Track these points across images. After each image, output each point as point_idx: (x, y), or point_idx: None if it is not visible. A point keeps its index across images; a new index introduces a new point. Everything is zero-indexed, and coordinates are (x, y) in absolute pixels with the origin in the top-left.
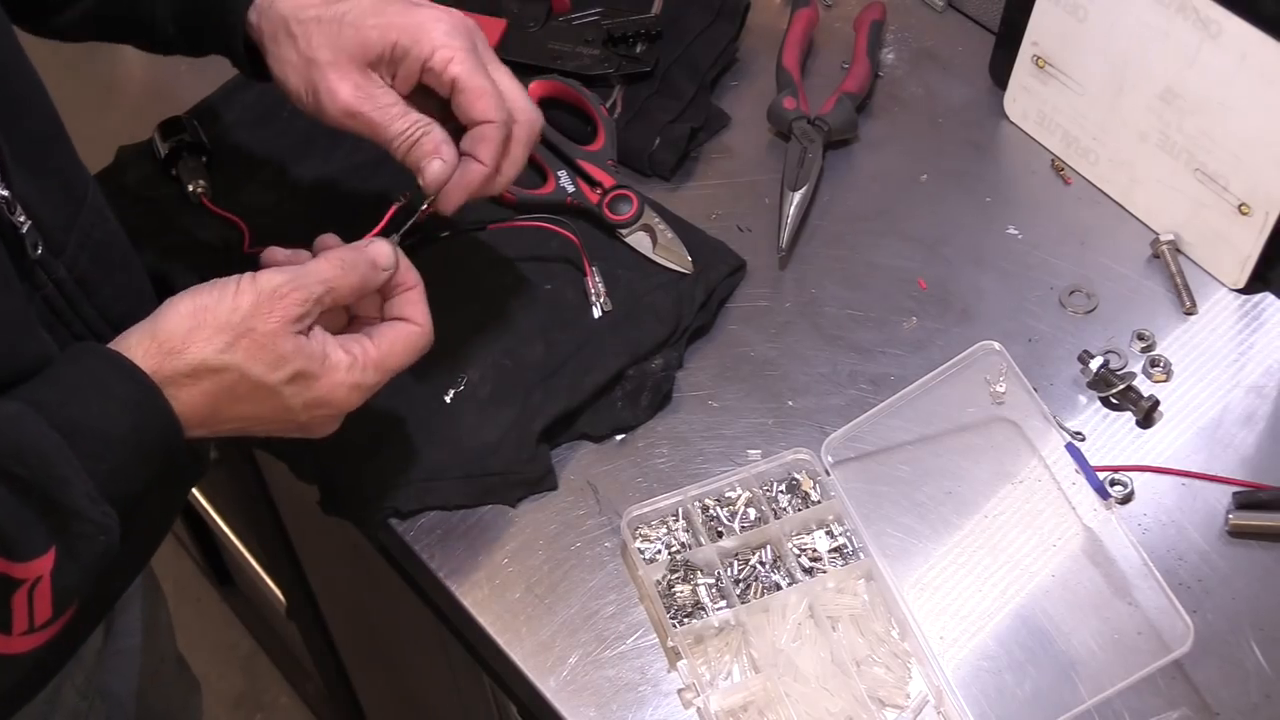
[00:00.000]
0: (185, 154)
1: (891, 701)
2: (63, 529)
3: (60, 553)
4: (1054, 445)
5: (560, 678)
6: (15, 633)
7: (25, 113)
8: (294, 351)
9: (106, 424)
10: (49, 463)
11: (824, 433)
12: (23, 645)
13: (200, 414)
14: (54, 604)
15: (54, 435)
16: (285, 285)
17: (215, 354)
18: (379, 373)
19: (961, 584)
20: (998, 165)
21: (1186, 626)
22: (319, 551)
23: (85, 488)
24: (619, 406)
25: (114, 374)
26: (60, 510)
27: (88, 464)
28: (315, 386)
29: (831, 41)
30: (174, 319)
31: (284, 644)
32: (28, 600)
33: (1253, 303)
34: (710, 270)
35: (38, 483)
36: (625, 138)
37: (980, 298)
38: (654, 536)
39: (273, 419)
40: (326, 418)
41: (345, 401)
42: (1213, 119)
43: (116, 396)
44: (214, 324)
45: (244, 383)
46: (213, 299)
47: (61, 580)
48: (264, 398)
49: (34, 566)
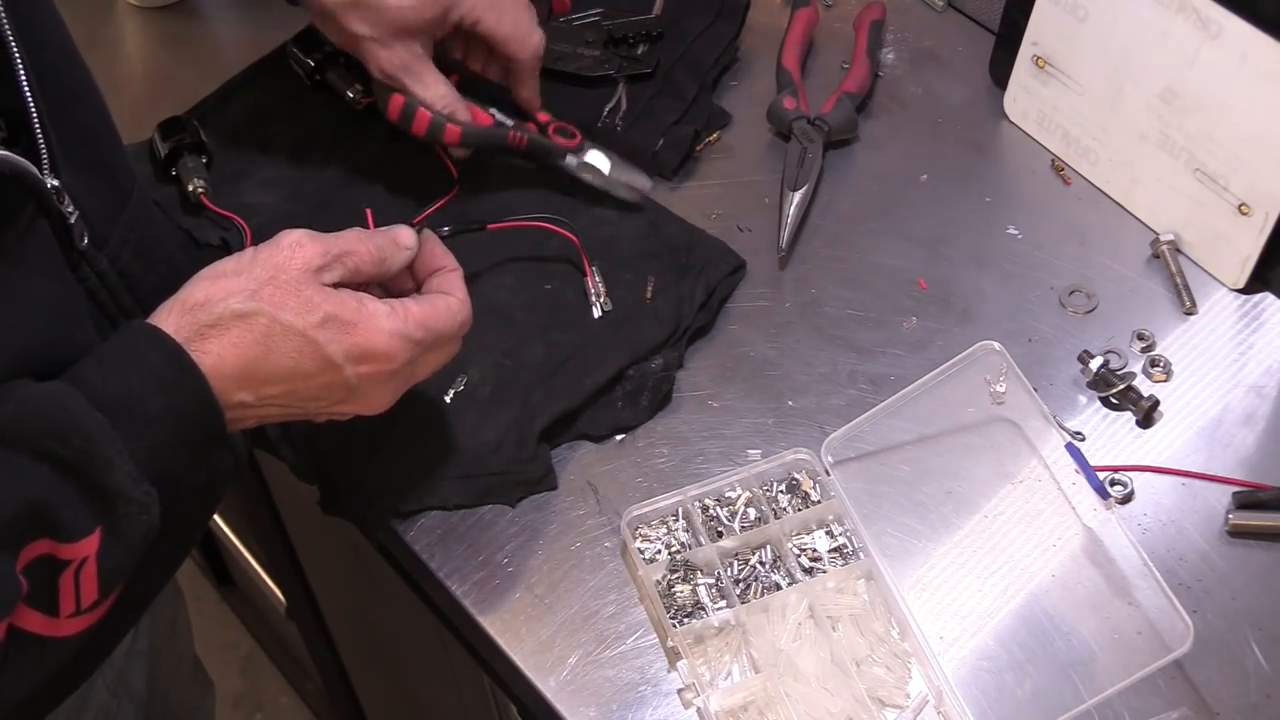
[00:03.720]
0: (185, 154)
1: (891, 701)
2: (108, 510)
3: (105, 534)
4: (1054, 445)
5: (560, 678)
6: (63, 615)
7: (75, 107)
8: (322, 297)
9: (145, 402)
10: (94, 444)
11: (824, 433)
12: (70, 628)
13: (235, 368)
14: (100, 586)
15: (99, 416)
16: (304, 237)
17: (240, 302)
18: (422, 329)
19: (961, 584)
20: (998, 165)
21: (1186, 626)
22: (319, 551)
23: (127, 467)
24: (619, 406)
25: (152, 351)
26: (105, 492)
27: (129, 443)
28: (354, 333)
29: (831, 41)
30: (197, 284)
31: (284, 644)
32: (74, 581)
33: (1253, 303)
34: (710, 270)
35: (82, 465)
36: (629, 138)
37: (980, 298)
38: (654, 536)
39: (316, 374)
40: (376, 377)
41: (390, 350)
42: (1213, 119)
43: (155, 373)
44: (236, 279)
45: (275, 328)
46: (232, 262)
47: (107, 561)
48: (299, 346)
49: (80, 547)
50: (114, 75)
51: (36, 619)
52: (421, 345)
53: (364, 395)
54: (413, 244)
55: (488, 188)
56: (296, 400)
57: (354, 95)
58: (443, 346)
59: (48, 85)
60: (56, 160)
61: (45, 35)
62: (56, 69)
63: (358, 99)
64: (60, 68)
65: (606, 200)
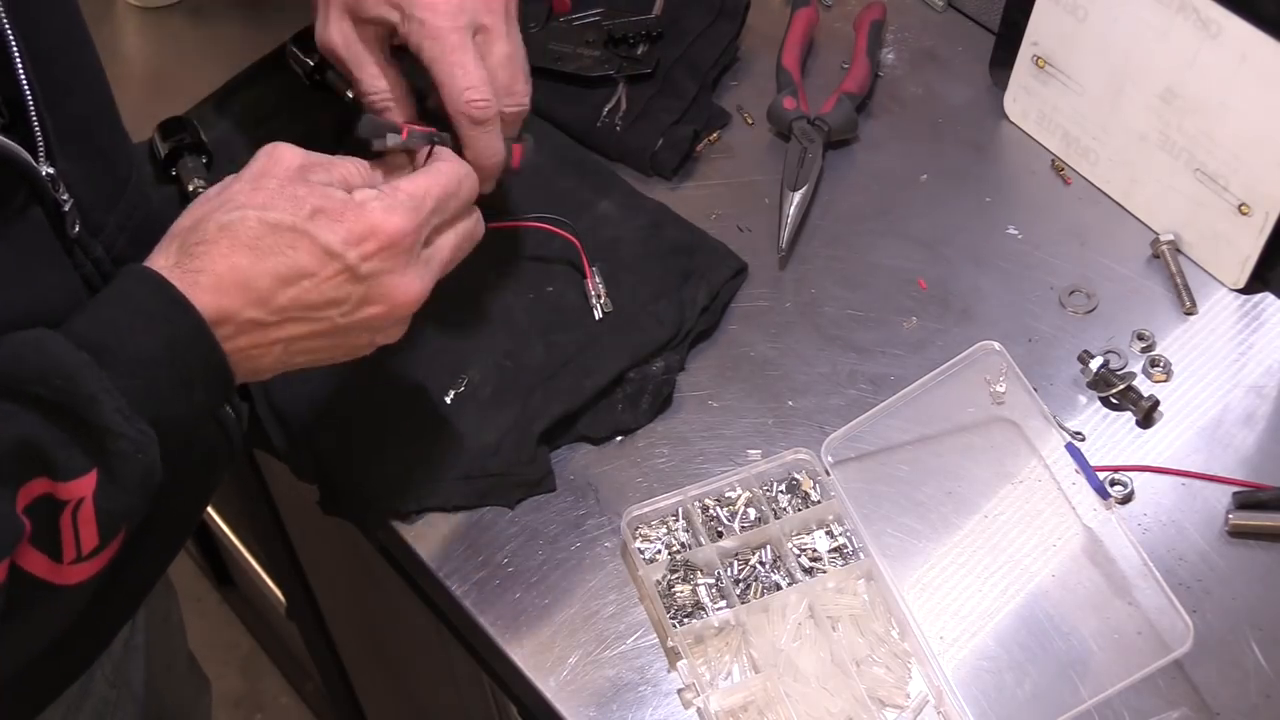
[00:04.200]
0: (186, 154)
1: (891, 701)
2: (100, 449)
3: (101, 474)
4: (1054, 445)
5: (560, 678)
6: (65, 560)
7: (74, 94)
8: (308, 191)
9: (133, 339)
10: (75, 381)
11: (824, 433)
12: (73, 575)
13: (231, 280)
14: (99, 528)
15: (80, 355)
16: (283, 145)
17: (225, 213)
18: (414, 196)
19: (961, 584)
20: (998, 165)
21: (1186, 626)
22: (319, 551)
23: (116, 403)
24: (619, 409)
25: (138, 288)
26: (94, 429)
27: (119, 381)
28: (345, 218)
29: (831, 41)
30: (185, 213)
31: (284, 644)
32: (73, 524)
33: (1253, 303)
34: (713, 274)
35: (66, 403)
36: (628, 138)
37: (980, 298)
38: (654, 536)
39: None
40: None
41: (388, 225)
42: (1213, 119)
43: (141, 310)
44: (219, 195)
45: (263, 229)
46: (216, 186)
47: (105, 502)
48: (292, 240)
49: (76, 486)
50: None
51: (41, 562)
52: (421, 212)
53: (385, 286)
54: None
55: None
56: (313, 311)
57: (354, 95)
58: (456, 217)
59: (45, 73)
60: (52, 148)
61: (47, 21)
62: (56, 56)
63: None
64: (60, 55)
65: (610, 200)
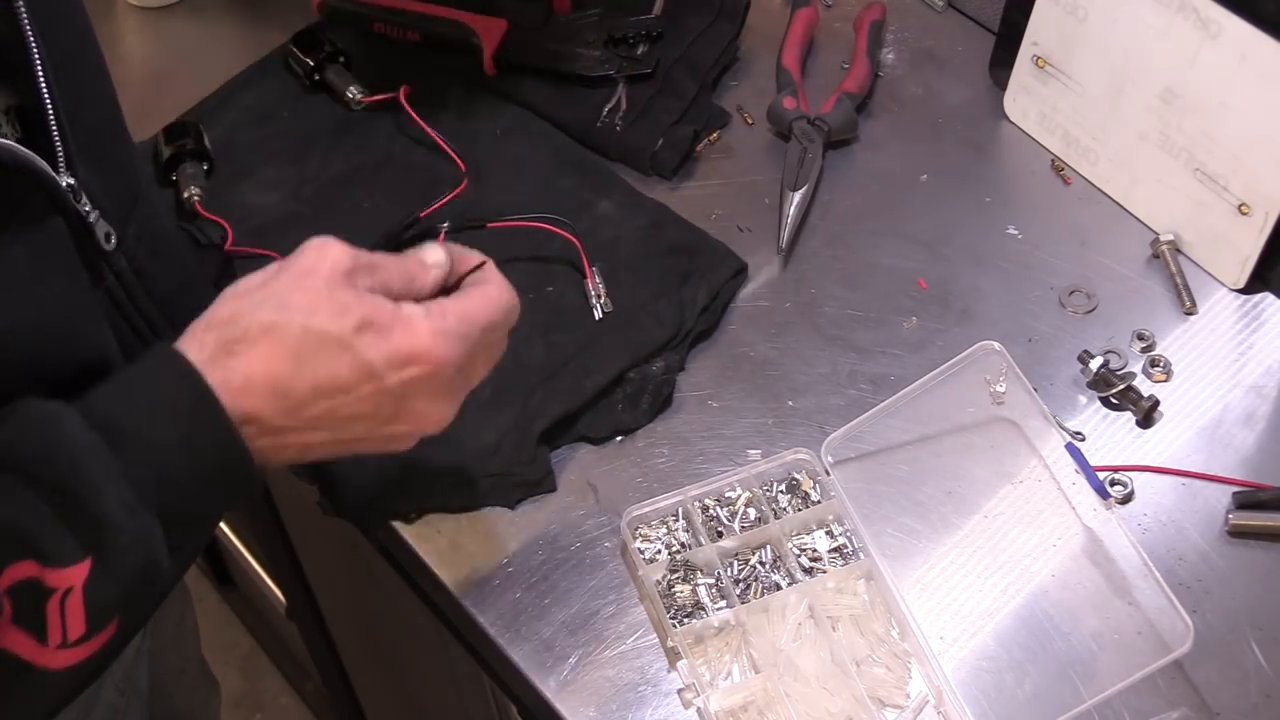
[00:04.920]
0: (187, 160)
1: (891, 701)
2: (96, 540)
3: (95, 565)
4: (1054, 445)
5: (560, 678)
6: (51, 644)
7: (91, 105)
8: (355, 299)
9: (153, 429)
10: (79, 466)
11: (824, 433)
12: (59, 660)
13: (266, 385)
14: (88, 619)
15: (92, 436)
16: (330, 241)
17: (269, 312)
18: (462, 322)
19: (961, 584)
20: (998, 165)
21: (1186, 626)
22: (319, 551)
23: (121, 494)
24: (619, 409)
25: (167, 375)
26: (93, 518)
27: (131, 470)
28: (391, 336)
29: (831, 41)
30: (223, 302)
31: (284, 644)
32: (60, 610)
33: (1253, 303)
34: (713, 274)
35: (67, 488)
36: (628, 138)
37: (980, 298)
38: (654, 536)
39: (356, 385)
40: (425, 383)
41: (433, 350)
42: (1213, 119)
43: (166, 399)
44: (262, 290)
45: (308, 336)
46: (259, 276)
47: (96, 594)
48: (336, 353)
49: (66, 575)
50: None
51: (25, 643)
52: (468, 341)
53: (416, 409)
54: (442, 261)
55: (491, 186)
56: (340, 421)
57: (354, 95)
58: (493, 343)
59: (63, 81)
60: (72, 157)
61: (62, 30)
62: (75, 65)
63: (358, 99)
64: (79, 64)
65: (610, 200)
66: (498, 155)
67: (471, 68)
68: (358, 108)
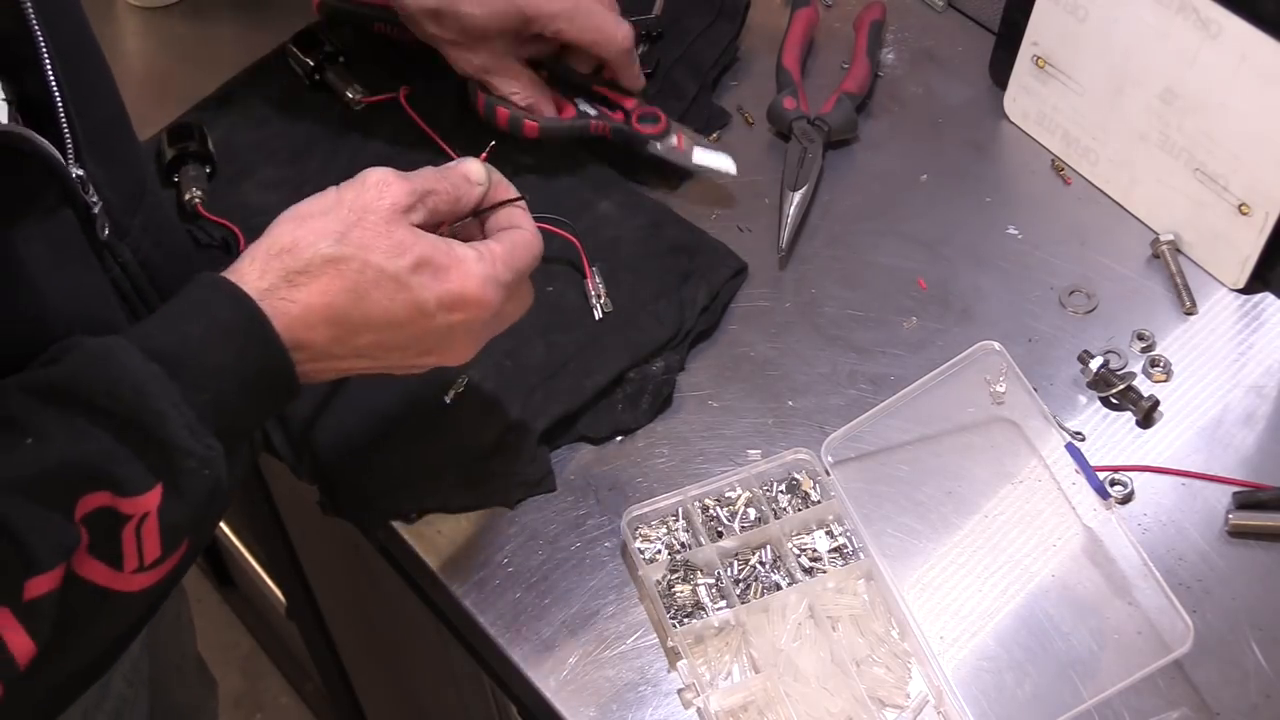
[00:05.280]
0: (189, 161)
1: (891, 701)
2: (166, 465)
3: (166, 489)
4: (1054, 445)
5: (560, 678)
6: (127, 569)
7: (96, 98)
8: (413, 239)
9: (208, 353)
10: (143, 396)
11: (824, 433)
12: (135, 584)
13: (324, 316)
14: (163, 542)
15: (151, 367)
16: (389, 175)
17: (330, 245)
18: (509, 270)
19: (961, 584)
20: (998, 165)
21: (1186, 626)
22: (319, 551)
23: (185, 419)
24: (619, 409)
25: (217, 301)
26: (162, 445)
27: (188, 394)
28: (447, 278)
29: (831, 41)
30: (282, 227)
31: (284, 644)
32: (136, 536)
33: (1253, 303)
34: (713, 274)
35: (133, 418)
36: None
37: (980, 298)
38: (654, 536)
39: (408, 322)
40: (468, 325)
41: (482, 296)
42: (1213, 119)
43: (219, 324)
44: (323, 219)
45: (367, 272)
46: (317, 203)
47: (169, 517)
48: (393, 291)
49: (140, 502)
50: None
51: (101, 571)
52: (509, 286)
53: (451, 345)
54: (483, 179)
55: None
56: (382, 351)
57: (354, 95)
58: (520, 291)
59: (71, 75)
60: (81, 150)
61: (66, 24)
62: (79, 59)
63: (358, 99)
64: (82, 58)
65: (610, 200)
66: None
67: None
68: (358, 108)
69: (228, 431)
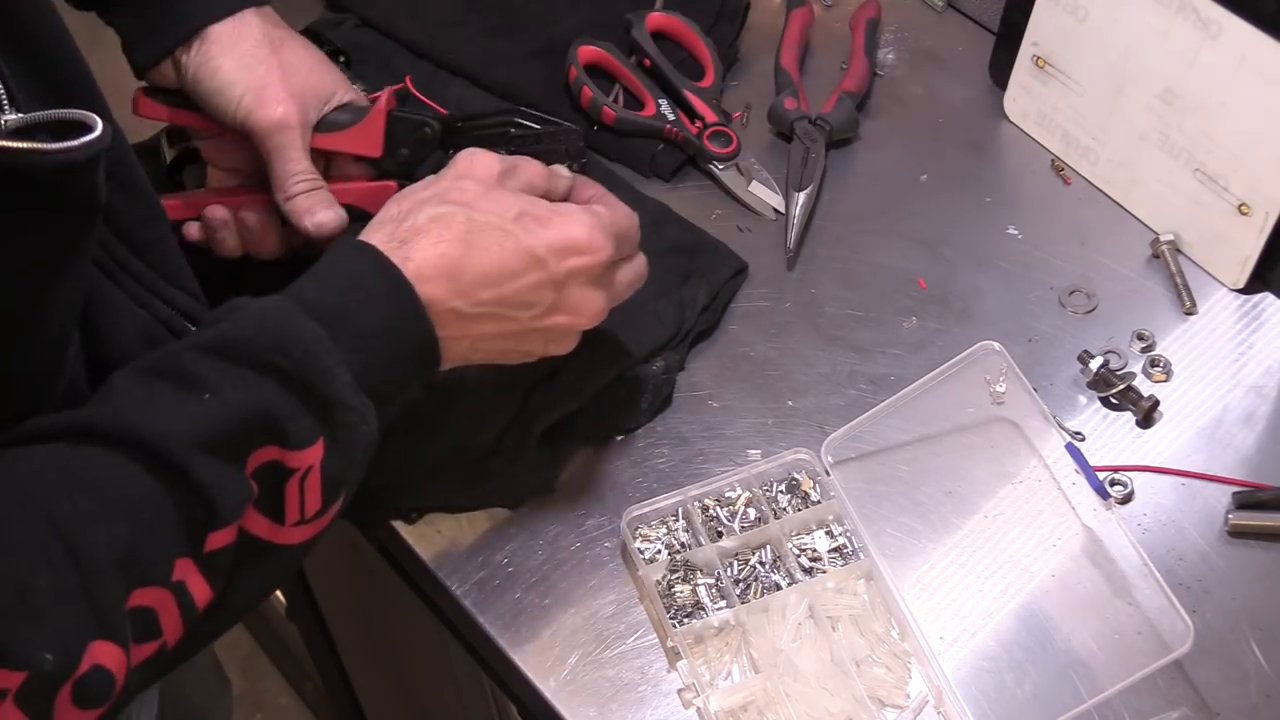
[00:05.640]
0: (191, 162)
1: (891, 701)
2: (329, 420)
3: (329, 443)
4: (1054, 445)
5: (560, 678)
6: (288, 522)
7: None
8: (511, 196)
9: (359, 317)
10: (312, 355)
11: (824, 433)
12: (294, 536)
13: (439, 268)
14: (323, 494)
15: (315, 327)
16: (477, 149)
17: (433, 206)
18: (610, 222)
19: (961, 584)
20: (998, 165)
21: (1186, 627)
22: (319, 552)
23: (346, 378)
24: (619, 409)
25: (371, 269)
26: (325, 401)
27: (349, 356)
28: (550, 224)
29: (831, 41)
30: (388, 205)
31: (284, 644)
32: (299, 489)
33: (1253, 303)
34: (713, 273)
35: (301, 374)
36: (628, 140)
37: (980, 298)
38: (654, 536)
39: (522, 271)
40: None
41: (591, 240)
42: (1213, 119)
43: (366, 289)
44: (423, 191)
45: (473, 224)
46: (419, 184)
47: (331, 470)
48: (500, 239)
49: (306, 455)
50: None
51: (263, 524)
52: (616, 241)
53: (574, 298)
54: (569, 175)
55: None
56: (508, 309)
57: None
58: (631, 257)
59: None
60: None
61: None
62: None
63: None
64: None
65: None
66: None
67: None
68: None
69: (375, 393)
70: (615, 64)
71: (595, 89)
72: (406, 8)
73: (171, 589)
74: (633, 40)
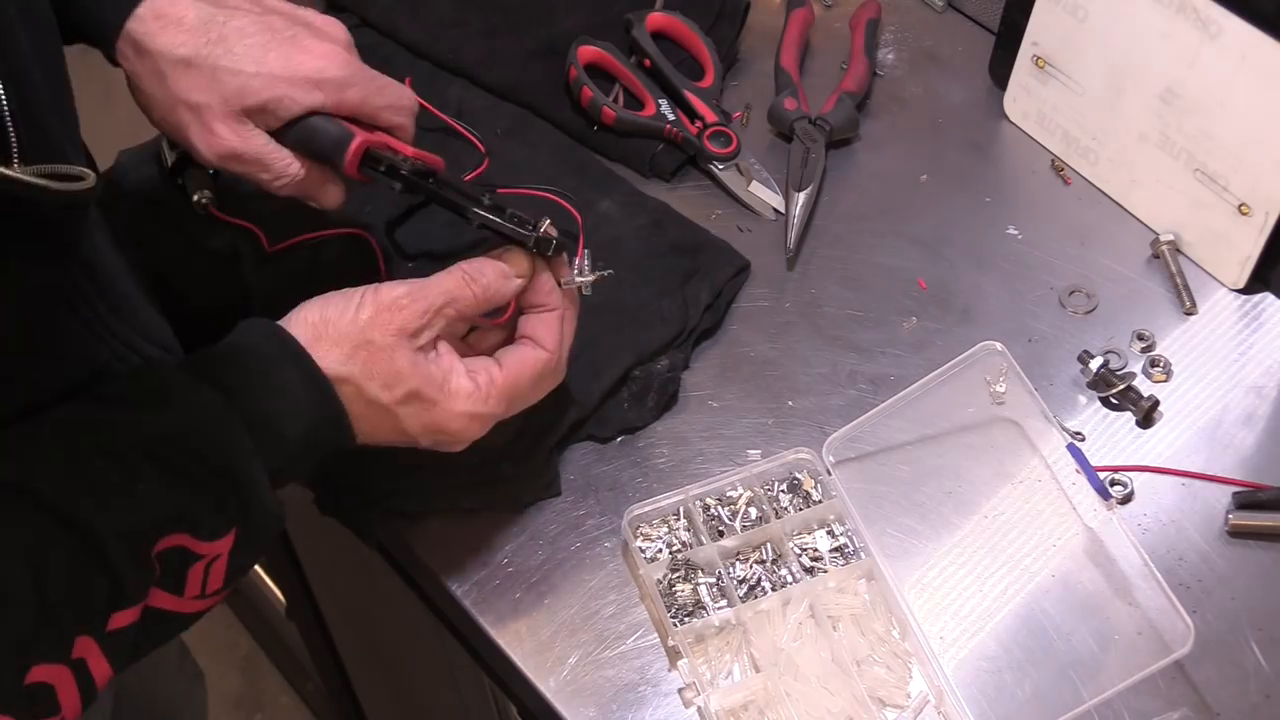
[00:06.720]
0: (192, 164)
1: (891, 701)
2: (245, 518)
3: (239, 536)
4: (1054, 445)
5: (560, 678)
6: (187, 596)
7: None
8: (410, 369)
9: (286, 426)
10: (242, 458)
11: (824, 433)
12: (193, 607)
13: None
14: (227, 578)
15: (249, 438)
16: (404, 297)
17: (334, 364)
18: (502, 403)
19: (961, 584)
20: (998, 165)
21: (1187, 627)
22: (319, 551)
23: (267, 482)
24: (625, 407)
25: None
26: (245, 504)
27: (267, 460)
28: (432, 412)
29: (831, 42)
30: (301, 328)
31: (284, 644)
32: (204, 572)
33: (1253, 303)
34: (716, 272)
35: (229, 474)
36: (628, 140)
37: (980, 298)
38: (655, 535)
39: (392, 437)
40: (447, 447)
41: (464, 431)
42: (1213, 119)
43: (295, 398)
44: (334, 336)
45: (359, 399)
46: (336, 311)
47: (237, 559)
48: (379, 417)
49: (216, 546)
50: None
51: (164, 598)
52: (497, 417)
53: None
54: (525, 273)
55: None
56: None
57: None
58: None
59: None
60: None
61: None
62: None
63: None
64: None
65: (611, 199)
66: (498, 155)
67: None
68: None
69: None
70: (615, 64)
71: (595, 89)
72: (406, 8)
73: (71, 666)
74: (633, 40)
